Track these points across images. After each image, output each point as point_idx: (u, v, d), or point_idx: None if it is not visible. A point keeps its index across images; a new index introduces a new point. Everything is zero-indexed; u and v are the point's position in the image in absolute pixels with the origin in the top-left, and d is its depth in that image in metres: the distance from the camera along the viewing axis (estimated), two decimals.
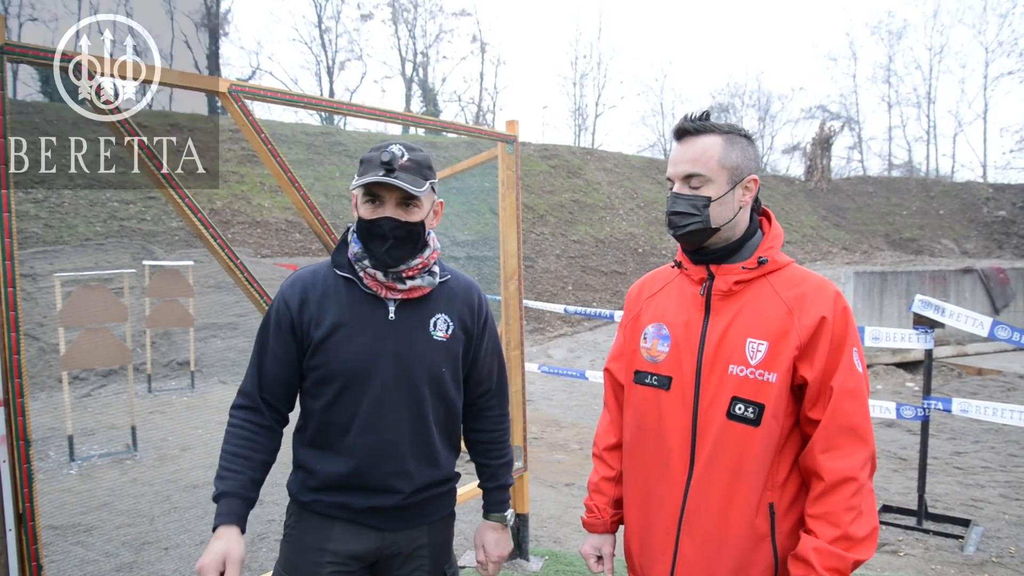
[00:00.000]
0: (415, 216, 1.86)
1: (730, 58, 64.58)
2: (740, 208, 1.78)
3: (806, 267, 1.84)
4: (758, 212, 1.87)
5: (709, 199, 1.74)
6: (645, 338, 1.89)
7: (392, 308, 1.91)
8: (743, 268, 1.76)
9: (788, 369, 1.68)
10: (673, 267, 1.95)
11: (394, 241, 1.83)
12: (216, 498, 1.83)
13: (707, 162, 1.74)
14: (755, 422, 1.68)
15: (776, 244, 1.80)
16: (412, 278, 1.90)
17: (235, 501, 1.82)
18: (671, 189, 1.81)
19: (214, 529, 1.79)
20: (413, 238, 1.87)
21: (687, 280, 1.86)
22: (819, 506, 1.64)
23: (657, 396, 1.83)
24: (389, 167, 1.79)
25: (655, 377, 1.84)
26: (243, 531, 1.81)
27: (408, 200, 1.84)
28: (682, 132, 1.79)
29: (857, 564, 1.61)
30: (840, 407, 1.64)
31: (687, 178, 1.77)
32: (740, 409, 1.69)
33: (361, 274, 1.89)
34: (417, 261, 1.90)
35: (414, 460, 1.92)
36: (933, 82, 39.75)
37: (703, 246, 1.81)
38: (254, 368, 1.93)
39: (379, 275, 1.87)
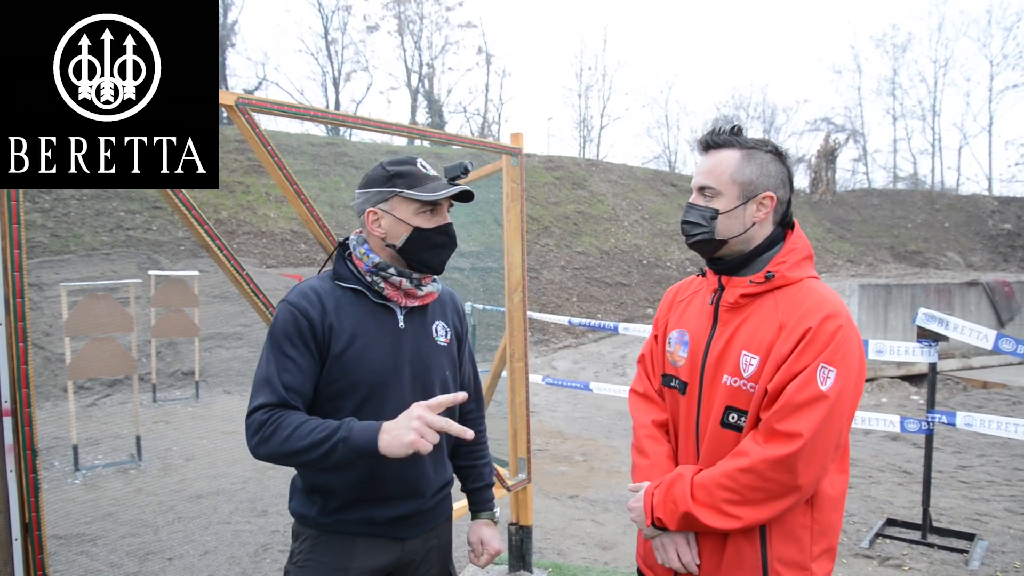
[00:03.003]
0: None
1: (735, 70, 64.71)
2: (753, 223, 1.80)
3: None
4: (788, 226, 1.88)
5: (717, 212, 1.80)
6: (670, 342, 1.96)
7: (401, 317, 1.95)
8: (751, 282, 1.79)
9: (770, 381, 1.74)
10: (701, 275, 2.00)
11: (452, 247, 1.97)
12: (349, 429, 1.67)
13: (719, 176, 1.80)
14: (744, 430, 1.74)
15: (790, 259, 1.80)
16: (426, 284, 1.98)
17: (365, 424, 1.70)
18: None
19: (378, 437, 1.65)
20: None
21: (707, 289, 1.92)
22: (717, 466, 1.73)
23: (678, 399, 1.91)
24: (456, 177, 1.94)
25: (676, 380, 1.91)
26: None
27: (449, 208, 1.98)
28: (704, 145, 1.85)
29: (690, 516, 1.72)
30: (781, 414, 1.65)
31: (701, 189, 1.84)
32: (733, 418, 1.76)
33: (382, 284, 1.91)
34: None
35: (432, 464, 1.99)
36: (938, 95, 39.78)
37: (716, 256, 1.86)
38: (275, 380, 1.78)
39: (404, 282, 1.92)
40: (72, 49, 1.87)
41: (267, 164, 2.68)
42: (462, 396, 1.75)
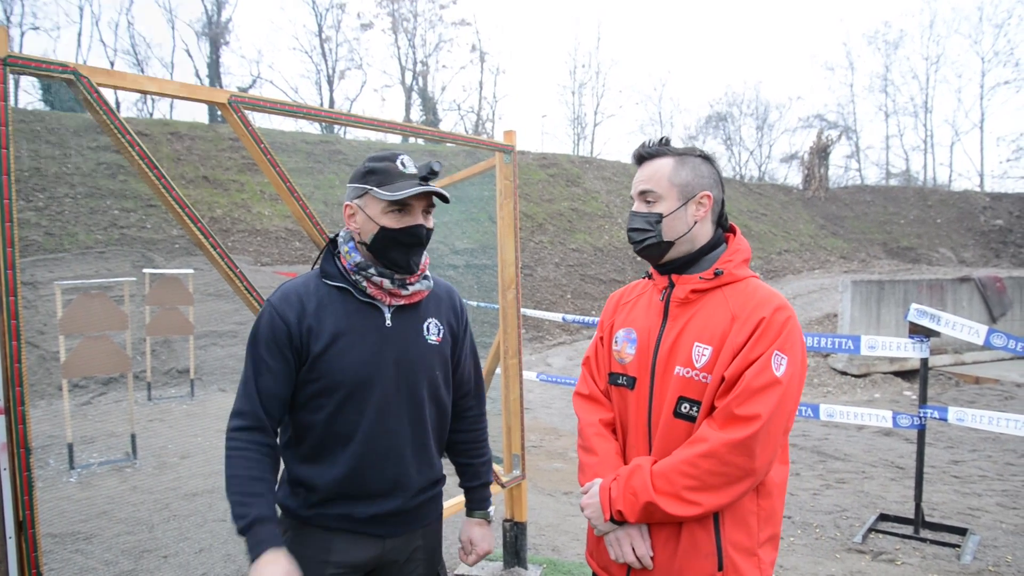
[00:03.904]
0: (432, 223, 1.96)
1: (728, 68, 64.83)
2: (695, 223, 1.89)
3: (804, 276, 1.93)
4: (725, 228, 1.98)
5: (661, 215, 1.87)
6: (616, 342, 2.00)
7: (388, 315, 1.94)
8: (700, 278, 1.87)
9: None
10: (646, 278, 2.06)
11: (420, 248, 1.93)
12: (250, 524, 1.73)
13: (659, 180, 1.88)
14: (696, 420, 1.79)
15: (736, 258, 1.90)
16: (413, 283, 1.96)
17: (272, 525, 1.77)
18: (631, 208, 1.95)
19: (258, 556, 1.69)
20: (427, 244, 1.97)
21: (654, 289, 1.99)
22: (675, 455, 1.76)
23: (626, 395, 1.94)
24: (427, 178, 1.88)
25: (624, 377, 1.95)
26: None
27: (429, 208, 1.94)
28: (639, 158, 1.95)
29: (652, 506, 1.74)
30: (741, 398, 1.71)
31: (642, 195, 1.91)
32: (686, 408, 1.80)
33: (364, 283, 1.90)
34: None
35: (415, 463, 1.97)
36: (930, 92, 39.96)
37: (664, 260, 1.92)
38: (251, 386, 1.85)
39: (385, 283, 1.90)
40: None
41: (260, 162, 2.68)
42: None
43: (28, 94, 26.24)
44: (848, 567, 4.48)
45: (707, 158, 1.95)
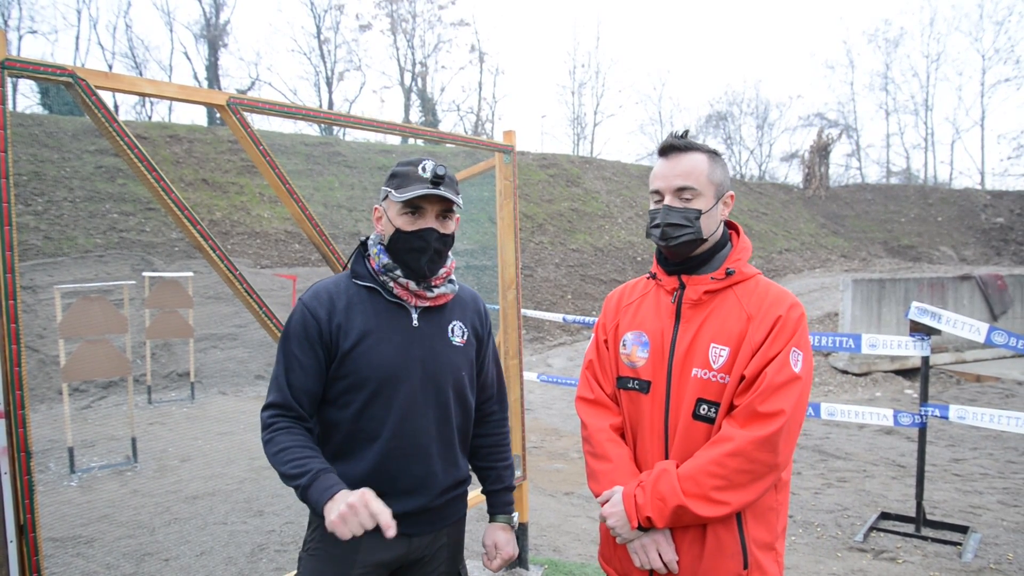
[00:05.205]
0: (450, 228, 1.97)
1: (728, 67, 64.76)
2: (721, 222, 1.91)
3: (805, 275, 1.93)
4: (727, 226, 1.99)
5: (700, 212, 1.85)
6: (624, 345, 1.98)
7: (415, 315, 1.98)
8: (712, 279, 1.87)
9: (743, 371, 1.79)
10: (648, 279, 2.04)
11: (434, 252, 1.93)
12: (314, 476, 1.72)
13: (698, 177, 1.85)
14: (715, 421, 1.79)
15: (743, 256, 1.91)
16: (438, 286, 2.00)
17: (335, 475, 1.75)
18: (659, 202, 1.91)
19: (331, 496, 1.66)
20: (447, 249, 1.98)
21: (662, 290, 1.97)
22: (698, 456, 1.76)
23: (639, 399, 1.92)
24: (436, 181, 1.88)
25: (636, 381, 1.93)
26: None
27: (447, 213, 1.95)
28: (670, 148, 1.90)
29: (681, 509, 1.72)
30: (763, 395, 1.72)
31: (679, 191, 1.86)
32: (704, 410, 1.80)
33: (391, 284, 1.95)
34: (443, 270, 2.01)
35: (440, 462, 2.00)
36: (930, 90, 39.99)
37: (688, 256, 1.91)
38: (282, 380, 1.89)
39: (411, 284, 1.95)
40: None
41: (259, 164, 2.68)
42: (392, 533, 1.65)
43: (26, 98, 26.26)
44: (849, 566, 4.47)
45: (723, 158, 1.95)
